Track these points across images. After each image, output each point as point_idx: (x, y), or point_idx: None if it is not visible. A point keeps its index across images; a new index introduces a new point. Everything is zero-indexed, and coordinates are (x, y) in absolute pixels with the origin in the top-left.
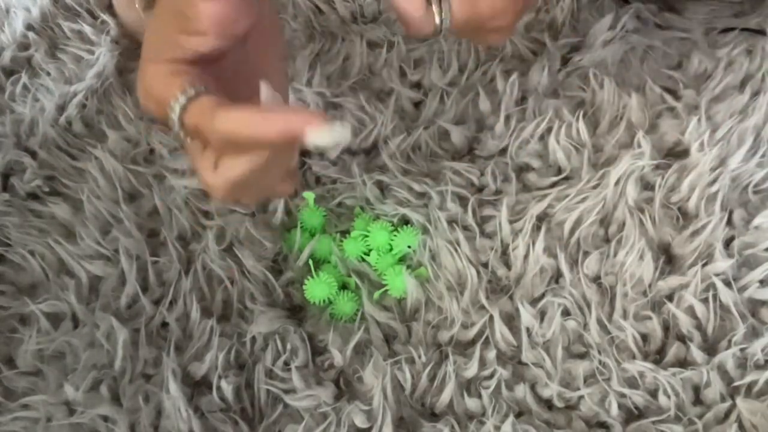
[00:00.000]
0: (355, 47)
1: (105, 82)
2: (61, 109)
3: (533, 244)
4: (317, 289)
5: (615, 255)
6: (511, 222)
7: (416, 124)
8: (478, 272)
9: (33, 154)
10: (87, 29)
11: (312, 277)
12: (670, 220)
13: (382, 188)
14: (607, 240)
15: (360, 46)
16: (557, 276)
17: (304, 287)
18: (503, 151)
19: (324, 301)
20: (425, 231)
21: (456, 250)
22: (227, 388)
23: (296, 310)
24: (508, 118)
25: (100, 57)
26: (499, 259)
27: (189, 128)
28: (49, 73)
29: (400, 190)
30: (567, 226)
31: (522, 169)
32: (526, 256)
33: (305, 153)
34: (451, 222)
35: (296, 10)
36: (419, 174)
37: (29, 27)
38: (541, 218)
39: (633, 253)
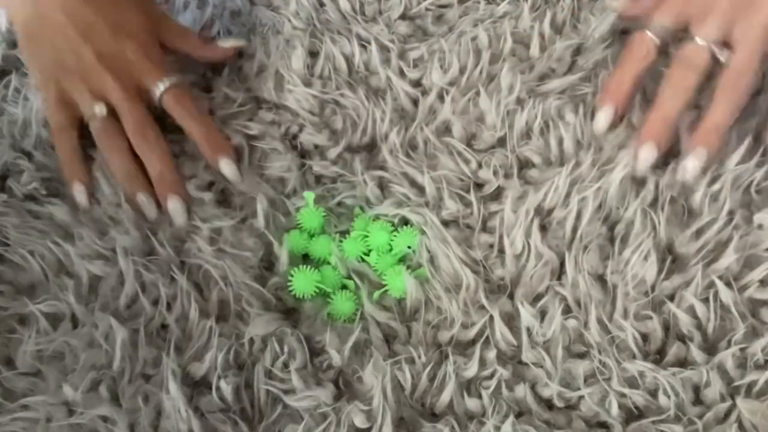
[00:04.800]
0: (354, 44)
1: None
2: None
3: (534, 242)
4: (301, 280)
5: (616, 254)
6: (511, 220)
7: (416, 120)
8: (477, 272)
9: (29, 156)
10: None
11: (297, 269)
12: (673, 219)
13: (383, 186)
14: (609, 239)
15: (359, 42)
16: (558, 275)
17: (289, 284)
18: (504, 148)
19: (313, 294)
20: (424, 231)
21: (454, 250)
22: (227, 389)
23: (290, 313)
24: (508, 116)
25: None
26: (499, 257)
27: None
28: None
29: (401, 185)
30: (568, 225)
31: (523, 166)
32: (526, 255)
33: (305, 154)
34: (450, 221)
35: (298, 6)
36: (419, 169)
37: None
38: (543, 216)
39: (636, 253)
